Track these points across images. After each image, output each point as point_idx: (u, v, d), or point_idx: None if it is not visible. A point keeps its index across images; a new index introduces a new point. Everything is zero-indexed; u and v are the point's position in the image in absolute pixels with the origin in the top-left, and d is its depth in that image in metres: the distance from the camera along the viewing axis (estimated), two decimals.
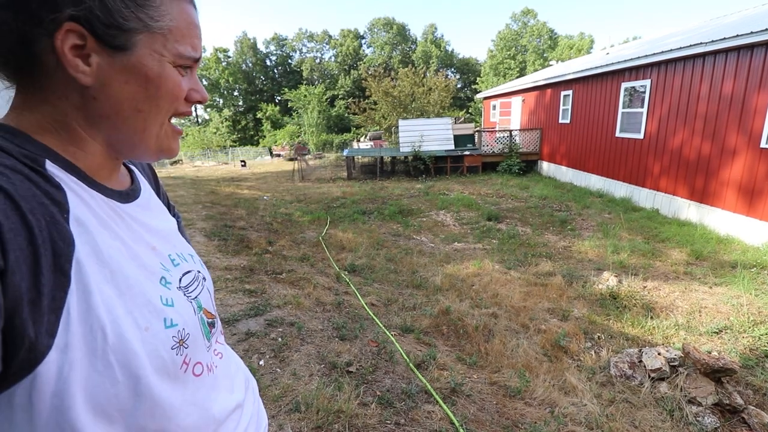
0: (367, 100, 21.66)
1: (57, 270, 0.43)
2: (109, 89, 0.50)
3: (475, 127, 15.15)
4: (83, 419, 0.44)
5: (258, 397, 0.79)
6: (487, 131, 14.00)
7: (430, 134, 13.17)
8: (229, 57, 45.51)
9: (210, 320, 0.66)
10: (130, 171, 0.68)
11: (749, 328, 3.41)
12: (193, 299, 0.61)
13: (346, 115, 35.84)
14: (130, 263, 0.52)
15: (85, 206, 0.50)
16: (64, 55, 0.47)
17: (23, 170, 0.44)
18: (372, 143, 20.33)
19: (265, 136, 39.87)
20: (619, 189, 9.00)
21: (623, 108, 8.84)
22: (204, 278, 0.68)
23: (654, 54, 7.58)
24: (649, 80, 7.99)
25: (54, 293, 0.42)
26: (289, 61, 48.79)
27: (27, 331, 0.40)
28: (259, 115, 41.82)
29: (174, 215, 0.83)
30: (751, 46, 5.83)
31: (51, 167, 0.48)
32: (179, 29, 0.54)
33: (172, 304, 0.55)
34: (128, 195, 0.61)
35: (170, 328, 0.53)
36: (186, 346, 0.55)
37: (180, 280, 0.60)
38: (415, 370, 2.63)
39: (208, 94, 0.60)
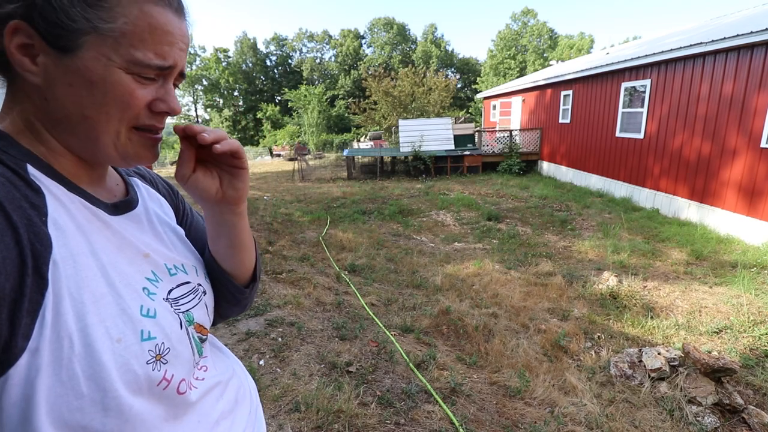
0: (367, 100, 21.65)
1: (36, 272, 0.43)
2: (56, 91, 0.48)
3: (475, 127, 15.15)
4: (45, 430, 0.42)
5: (256, 403, 0.76)
6: (487, 131, 13.99)
7: (430, 134, 13.17)
8: (229, 57, 45.52)
9: (204, 336, 0.64)
10: (126, 183, 0.66)
11: (749, 327, 3.41)
12: (183, 312, 0.59)
13: (347, 115, 35.84)
14: (109, 270, 0.50)
15: (64, 210, 0.49)
16: (11, 52, 0.46)
17: (5, 173, 0.44)
18: (372, 143, 20.34)
19: (265, 136, 39.86)
20: (619, 189, 9.00)
21: (623, 108, 8.84)
22: (204, 292, 0.65)
23: (654, 54, 7.58)
24: (649, 80, 7.98)
25: (32, 295, 0.42)
26: (289, 61, 48.79)
27: (2, 332, 0.39)
28: (259, 115, 41.80)
29: (193, 219, 0.79)
30: (751, 46, 5.83)
31: (32, 171, 0.48)
32: (136, 34, 0.49)
33: (154, 315, 0.53)
34: (117, 207, 0.58)
35: (147, 341, 0.50)
36: (164, 361, 0.52)
37: (170, 291, 0.58)
38: (415, 370, 2.63)
39: (180, 107, 0.56)
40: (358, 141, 25.50)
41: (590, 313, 3.77)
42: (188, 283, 0.62)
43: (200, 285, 0.65)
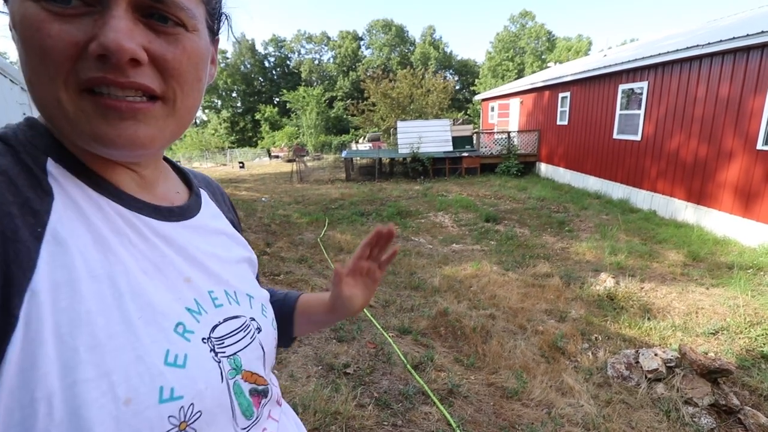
0: (365, 102, 21.68)
1: (1, 307, 0.32)
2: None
3: (474, 129, 15.19)
4: None
5: None
6: (486, 133, 14.04)
7: (429, 136, 13.19)
8: (228, 58, 45.52)
9: (261, 387, 0.49)
10: (192, 189, 0.55)
11: (745, 329, 3.42)
12: (228, 357, 0.44)
13: (345, 116, 35.88)
14: (127, 300, 0.38)
15: (79, 218, 0.38)
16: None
17: (12, 170, 0.36)
18: (371, 145, 20.35)
19: (263, 138, 39.86)
20: (616, 190, 9.03)
21: (620, 110, 8.87)
22: (258, 329, 0.51)
23: (651, 56, 7.62)
24: (646, 82, 8.02)
25: None
26: (288, 62, 48.82)
27: None
28: (257, 117, 41.82)
29: None
30: (747, 49, 5.86)
31: (52, 167, 0.39)
32: None
33: (183, 363, 0.39)
34: (171, 212, 0.47)
35: (168, 402, 0.36)
36: (191, 430, 0.38)
37: (214, 328, 0.44)
38: (413, 371, 2.64)
39: (124, 42, 0.35)
40: (357, 142, 25.52)
41: (587, 314, 3.78)
42: (238, 317, 0.48)
43: (254, 320, 0.51)
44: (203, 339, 0.42)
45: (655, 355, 2.81)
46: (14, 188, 0.35)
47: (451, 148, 13.21)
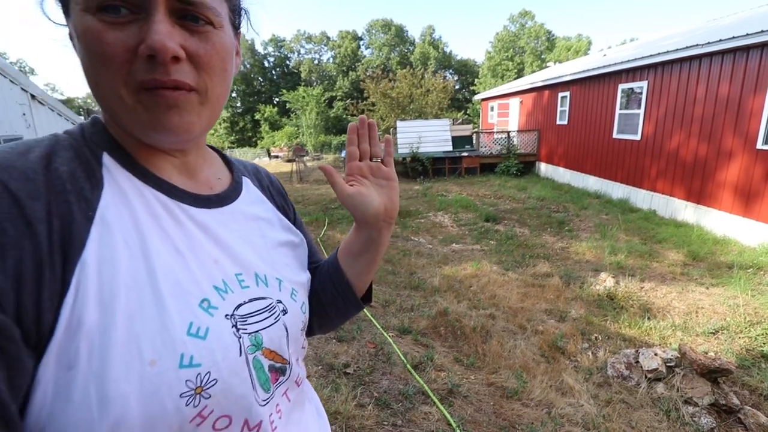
0: (365, 102, 21.67)
1: (60, 281, 0.39)
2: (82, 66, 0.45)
3: (473, 129, 15.18)
4: None
5: None
6: (485, 132, 14.03)
7: (429, 135, 13.18)
8: None
9: (278, 365, 0.53)
10: (234, 180, 0.61)
11: (745, 328, 3.42)
12: (249, 334, 0.48)
13: (345, 116, 35.89)
14: (159, 277, 0.43)
15: (124, 205, 0.44)
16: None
17: (71, 164, 0.43)
18: None
19: (263, 138, 39.88)
20: (616, 190, 9.03)
21: (620, 109, 8.87)
22: (284, 311, 0.55)
23: (651, 56, 7.62)
24: (646, 82, 8.02)
25: (46, 315, 0.38)
26: (288, 62, 48.82)
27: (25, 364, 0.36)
28: (257, 117, 41.82)
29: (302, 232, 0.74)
30: (746, 48, 5.86)
31: (107, 160, 0.46)
32: None
33: (204, 335, 0.43)
34: (209, 200, 0.53)
35: (185, 368, 0.41)
36: (206, 396, 0.42)
37: (238, 307, 0.49)
38: (413, 371, 2.64)
39: (166, 42, 0.42)
40: None
41: (587, 314, 3.78)
42: (263, 298, 0.52)
43: (280, 302, 0.55)
44: (226, 315, 0.47)
45: (655, 354, 2.81)
46: (73, 179, 0.42)
47: (450, 148, 13.21)
